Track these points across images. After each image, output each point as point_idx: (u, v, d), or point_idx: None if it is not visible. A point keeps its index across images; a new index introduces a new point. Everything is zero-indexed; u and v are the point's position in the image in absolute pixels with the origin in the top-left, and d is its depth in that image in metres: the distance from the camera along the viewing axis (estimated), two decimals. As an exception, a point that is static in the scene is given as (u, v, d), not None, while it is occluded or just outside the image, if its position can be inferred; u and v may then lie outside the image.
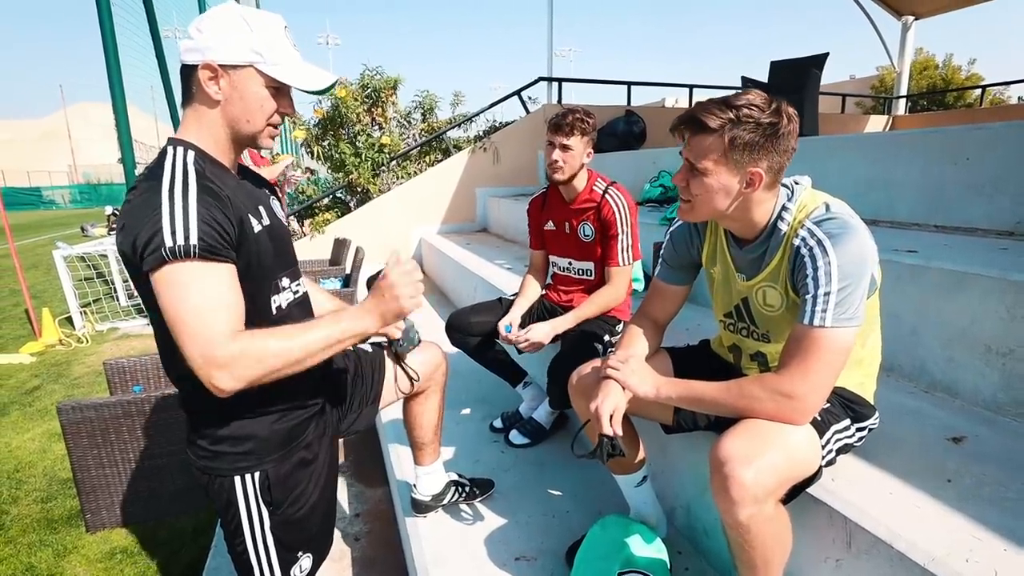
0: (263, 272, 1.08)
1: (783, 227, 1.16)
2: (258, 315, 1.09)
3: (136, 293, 5.52)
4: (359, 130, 6.09)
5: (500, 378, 2.37)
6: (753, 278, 1.22)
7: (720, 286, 1.33)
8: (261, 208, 1.11)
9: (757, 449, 1.01)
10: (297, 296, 1.20)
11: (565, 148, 1.99)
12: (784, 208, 1.16)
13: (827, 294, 1.04)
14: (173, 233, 0.91)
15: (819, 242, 1.07)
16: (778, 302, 1.20)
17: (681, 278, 1.43)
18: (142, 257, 0.92)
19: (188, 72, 1.03)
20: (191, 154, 1.01)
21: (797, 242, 1.11)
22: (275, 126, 1.09)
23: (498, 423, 2.35)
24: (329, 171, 6.36)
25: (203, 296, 0.93)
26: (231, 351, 0.93)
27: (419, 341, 1.48)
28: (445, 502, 1.75)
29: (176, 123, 7.04)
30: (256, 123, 1.06)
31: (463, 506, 1.81)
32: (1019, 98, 15.33)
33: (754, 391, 1.08)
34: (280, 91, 1.07)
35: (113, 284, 6.38)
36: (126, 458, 2.47)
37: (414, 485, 1.75)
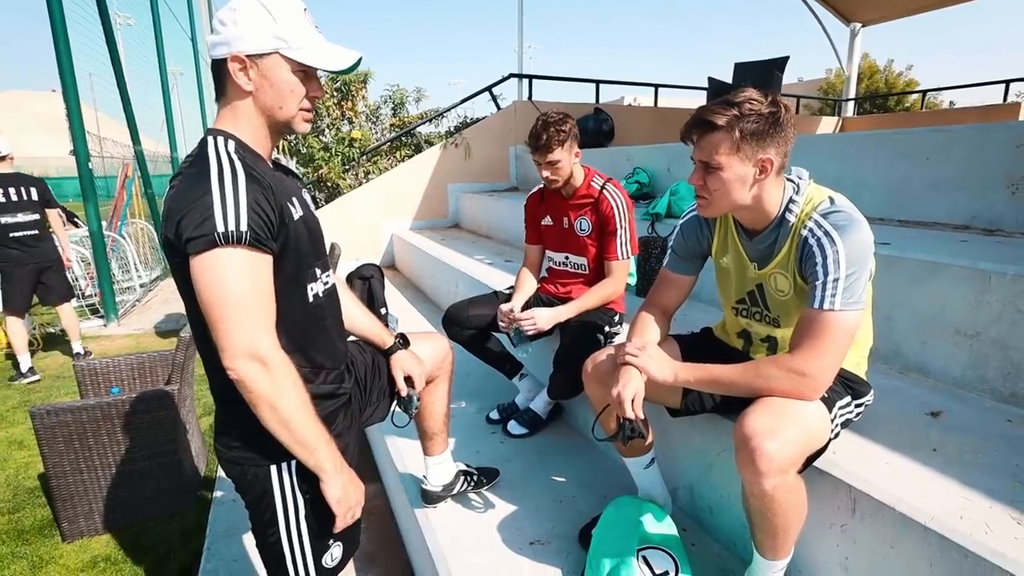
0: (299, 258, 1.09)
1: (791, 218, 1.24)
2: (297, 302, 1.10)
3: (90, 292, 5.18)
4: (329, 124, 5.97)
5: (495, 370, 2.40)
6: (765, 266, 1.31)
7: (733, 275, 1.41)
8: (295, 198, 1.11)
9: (779, 424, 1.09)
10: (327, 287, 1.21)
11: (552, 164, 2.04)
12: (792, 200, 1.25)
13: (836, 280, 1.13)
14: (225, 218, 0.92)
15: (826, 233, 1.16)
16: (787, 288, 1.29)
17: (689, 268, 1.50)
18: (188, 239, 0.92)
19: (218, 67, 1.03)
20: (231, 143, 1.02)
21: (805, 232, 1.20)
22: (307, 110, 1.10)
23: (494, 414, 2.38)
24: (297, 165, 6.21)
25: (253, 286, 0.95)
26: (275, 353, 0.98)
27: (415, 415, 1.53)
28: (455, 492, 1.78)
29: (129, 114, 6.71)
30: (289, 109, 1.06)
31: (471, 495, 1.84)
32: (950, 102, 16.48)
33: (770, 371, 1.16)
34: (308, 75, 1.08)
35: (63, 283, 6.01)
36: (105, 462, 2.37)
37: (424, 476, 1.76)
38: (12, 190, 3.98)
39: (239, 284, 0.94)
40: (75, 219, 10.13)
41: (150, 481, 2.44)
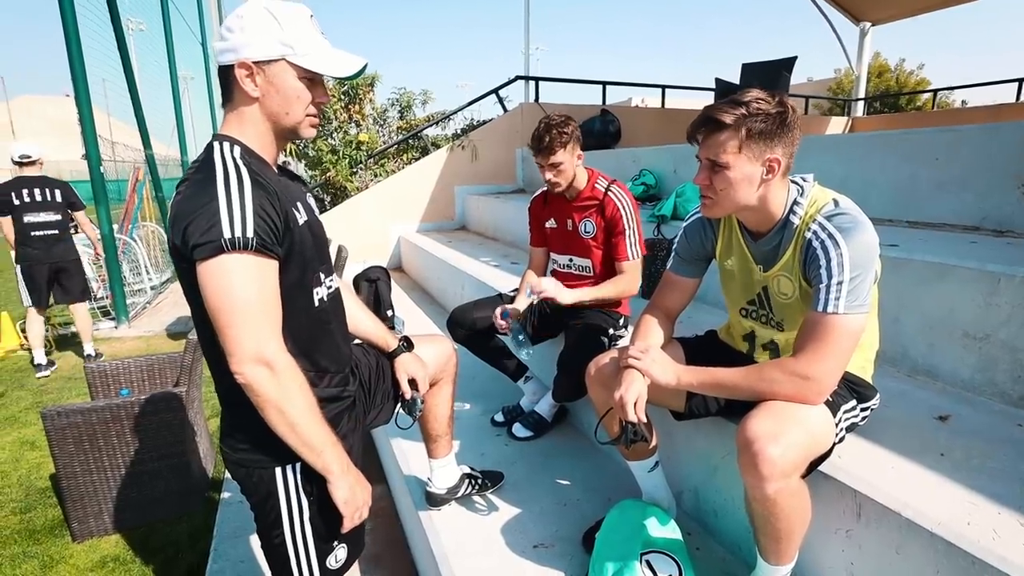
0: (304, 263, 1.10)
1: (795, 220, 1.23)
2: (302, 306, 1.11)
3: (102, 295, 5.25)
4: (336, 127, 6.01)
5: (500, 373, 2.41)
6: (770, 268, 1.30)
7: (738, 277, 1.40)
8: (299, 204, 1.12)
9: (782, 427, 1.08)
10: (331, 291, 1.22)
11: (554, 166, 2.04)
12: (796, 203, 1.24)
13: (840, 283, 1.12)
14: (231, 225, 0.93)
15: (830, 235, 1.16)
16: (791, 290, 1.28)
17: (693, 271, 1.50)
18: (195, 246, 0.93)
19: (225, 73, 1.05)
20: (237, 149, 1.03)
21: (809, 235, 1.19)
22: (313, 116, 1.11)
23: (499, 417, 2.38)
24: (305, 168, 6.25)
25: (260, 291, 0.97)
26: (282, 357, 0.99)
27: (418, 417, 1.53)
28: (459, 494, 1.78)
29: (140, 119, 6.79)
30: (295, 115, 1.08)
31: (476, 498, 1.84)
32: (963, 102, 16.29)
33: (774, 374, 1.16)
34: (314, 81, 1.09)
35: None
36: (114, 463, 2.40)
37: (428, 479, 1.77)
38: (37, 191, 4.20)
39: (245, 290, 0.95)
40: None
41: (159, 482, 2.47)
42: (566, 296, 2.01)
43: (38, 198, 4.18)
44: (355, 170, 6.08)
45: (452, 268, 4.13)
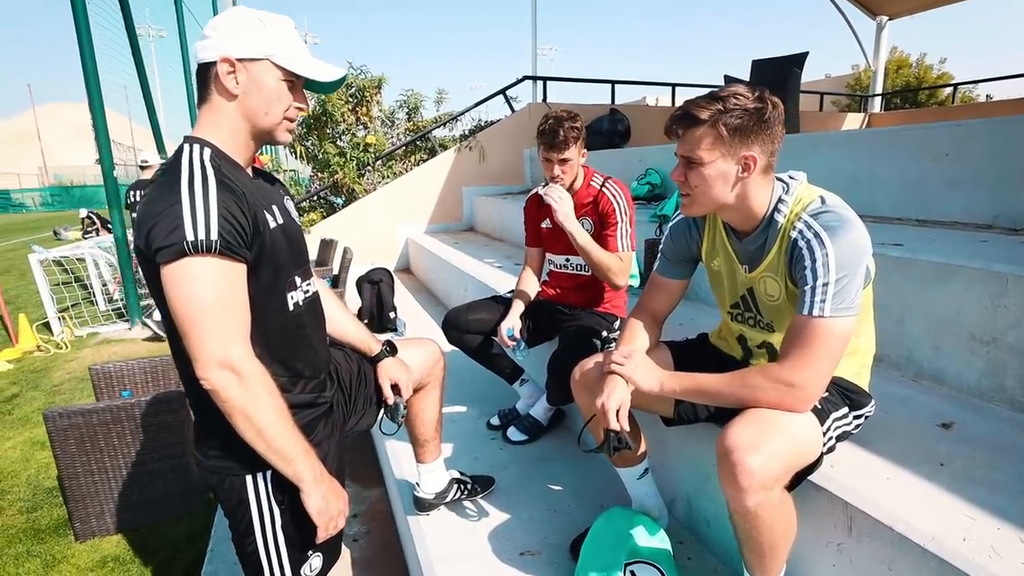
0: (276, 267, 1.09)
1: (780, 219, 1.19)
2: (276, 311, 1.10)
3: (117, 297, 5.42)
4: (344, 129, 6.04)
5: (496, 375, 2.38)
6: (755, 269, 1.25)
7: (724, 278, 1.36)
8: (275, 207, 1.11)
9: (763, 437, 1.03)
10: (308, 295, 1.20)
11: (564, 162, 2.00)
12: (781, 200, 1.19)
13: (825, 285, 1.07)
14: (194, 227, 0.92)
15: (816, 234, 1.11)
16: (777, 292, 1.23)
17: (680, 272, 1.46)
18: (158, 249, 0.92)
19: (204, 70, 1.04)
20: (207, 151, 1.02)
21: (794, 234, 1.15)
22: (291, 119, 1.11)
23: (495, 420, 2.36)
24: (314, 171, 6.30)
25: (224, 295, 0.96)
26: (249, 363, 0.98)
27: (401, 423, 1.50)
28: (448, 500, 1.76)
29: (154, 123, 6.91)
30: (274, 116, 1.08)
31: (465, 503, 1.82)
32: (987, 96, 15.81)
33: (757, 381, 1.11)
34: (295, 85, 1.10)
35: (91, 288, 6.23)
36: (116, 464, 2.43)
37: (417, 483, 1.75)
38: (140, 193, 4.97)
39: (209, 293, 0.94)
40: (108, 225, 10.54)
41: (160, 483, 2.49)
42: (565, 219, 1.92)
43: (139, 199, 4.90)
44: (363, 172, 6.10)
45: (456, 269, 4.12)
